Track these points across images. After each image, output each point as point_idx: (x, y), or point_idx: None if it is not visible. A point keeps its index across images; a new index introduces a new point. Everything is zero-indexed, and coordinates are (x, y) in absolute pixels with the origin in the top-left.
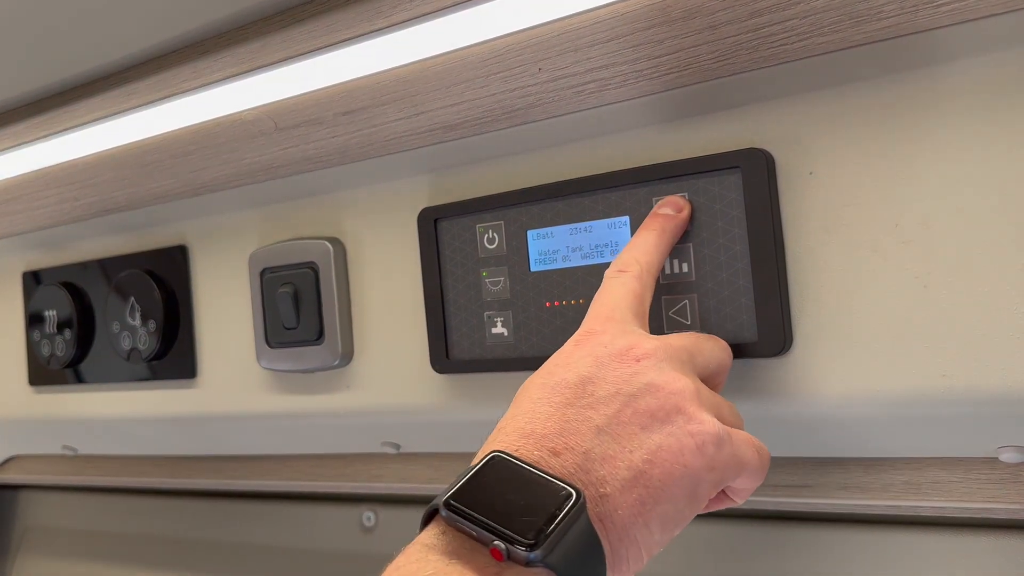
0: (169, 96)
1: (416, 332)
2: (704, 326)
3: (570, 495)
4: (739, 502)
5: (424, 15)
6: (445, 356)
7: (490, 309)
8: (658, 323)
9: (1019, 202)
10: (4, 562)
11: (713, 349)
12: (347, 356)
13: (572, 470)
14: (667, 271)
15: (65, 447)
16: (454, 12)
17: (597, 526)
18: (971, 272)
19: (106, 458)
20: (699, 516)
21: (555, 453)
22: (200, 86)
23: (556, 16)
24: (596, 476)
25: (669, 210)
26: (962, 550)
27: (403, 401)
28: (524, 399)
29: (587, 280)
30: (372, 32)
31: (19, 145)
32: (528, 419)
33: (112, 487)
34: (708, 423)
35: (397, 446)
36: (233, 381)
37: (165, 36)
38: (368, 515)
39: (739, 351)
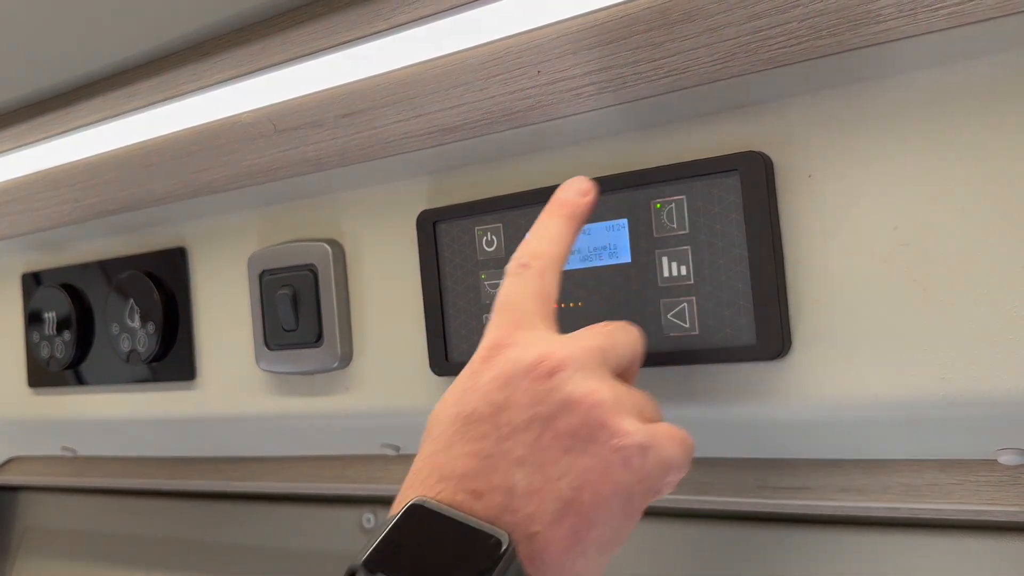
0: (169, 98)
1: (415, 334)
2: (703, 329)
3: (499, 543)
4: (667, 493)
5: (424, 17)
6: (444, 358)
7: (489, 311)
8: (656, 326)
9: (1018, 205)
10: (4, 563)
11: (626, 341)
12: (346, 358)
13: (497, 512)
14: (666, 274)
15: (64, 448)
16: (453, 15)
17: (530, 568)
18: (970, 275)
19: (106, 459)
20: (695, 517)
21: (477, 495)
22: (200, 88)
23: (555, 19)
24: (524, 514)
25: (573, 194)
26: (961, 553)
27: (402, 403)
28: (437, 433)
29: (585, 283)
30: (372, 34)
31: (20, 146)
32: (445, 457)
33: (112, 488)
34: (631, 433)
35: (397, 448)
36: (232, 383)
37: (165, 38)
38: (368, 517)
39: (738, 354)
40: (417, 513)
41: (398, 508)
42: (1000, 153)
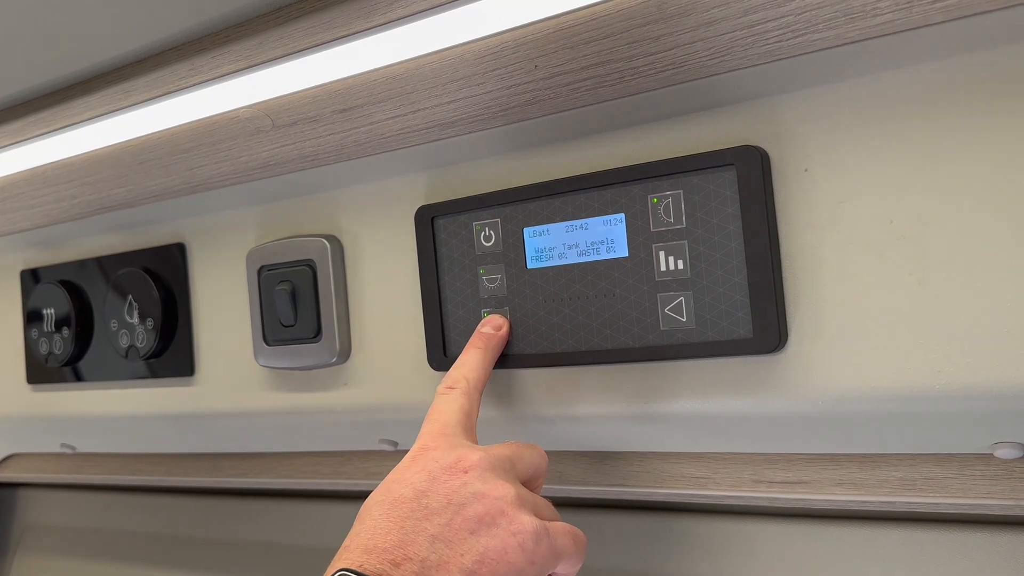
0: (166, 94)
1: (413, 329)
2: (699, 323)
3: None
4: None
5: (420, 12)
6: (442, 353)
7: (487, 306)
8: (653, 320)
9: (1013, 198)
10: (3, 560)
11: (532, 456)
12: (344, 354)
13: None
14: (663, 268)
15: (63, 445)
16: (450, 9)
17: None
18: (966, 268)
19: (104, 456)
20: (693, 511)
21: (395, 564)
22: (197, 83)
23: (552, 13)
24: None
25: (490, 329)
26: (957, 546)
27: (400, 398)
28: (366, 517)
29: (583, 277)
30: (369, 29)
31: (17, 143)
32: (370, 535)
33: (110, 485)
34: (527, 522)
35: (395, 443)
36: (231, 379)
37: (162, 34)
38: None
39: (734, 348)
40: None
41: None
42: (996, 147)
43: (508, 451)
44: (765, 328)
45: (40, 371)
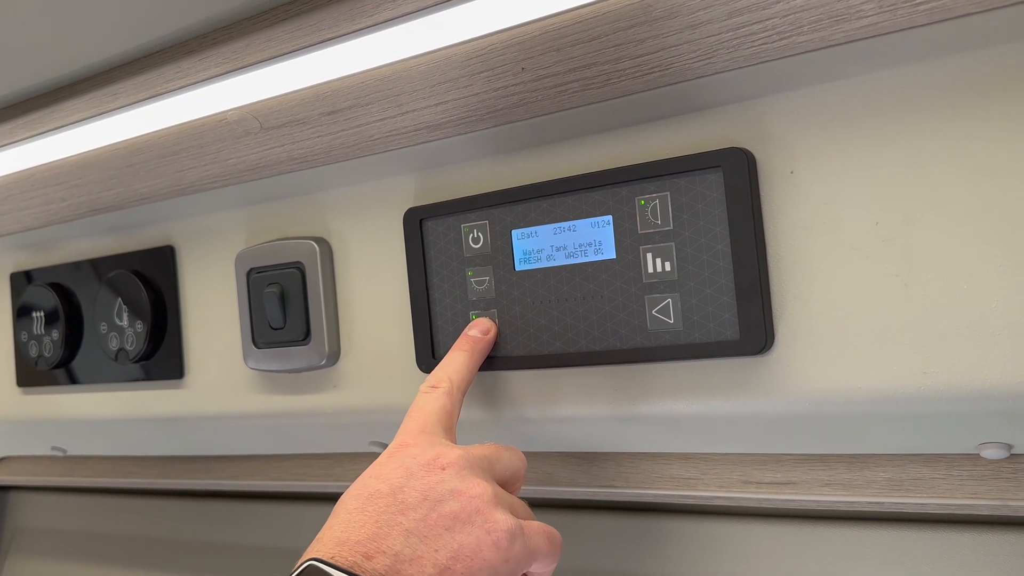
0: (154, 96)
1: (402, 332)
2: (687, 325)
3: None
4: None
5: (407, 14)
6: (431, 355)
7: (475, 308)
8: (641, 321)
9: (997, 199)
10: None
11: (511, 459)
12: (334, 356)
13: (383, 572)
14: (650, 270)
15: (54, 448)
16: (437, 11)
17: None
18: (951, 269)
19: (95, 459)
20: (682, 512)
21: (368, 557)
22: (185, 86)
23: (539, 15)
24: (405, 575)
25: (477, 332)
26: (944, 547)
27: (390, 401)
28: (341, 510)
29: (571, 279)
30: (356, 31)
31: (5, 146)
32: (344, 528)
33: (101, 487)
34: (502, 521)
35: (384, 445)
36: (220, 381)
37: (149, 36)
38: None
39: (721, 350)
40: (311, 572)
41: (295, 569)
42: (980, 149)
43: (487, 451)
44: (752, 329)
45: (30, 374)
